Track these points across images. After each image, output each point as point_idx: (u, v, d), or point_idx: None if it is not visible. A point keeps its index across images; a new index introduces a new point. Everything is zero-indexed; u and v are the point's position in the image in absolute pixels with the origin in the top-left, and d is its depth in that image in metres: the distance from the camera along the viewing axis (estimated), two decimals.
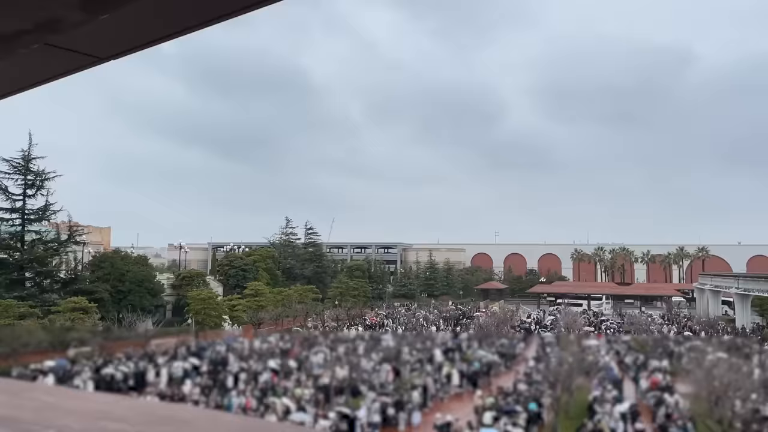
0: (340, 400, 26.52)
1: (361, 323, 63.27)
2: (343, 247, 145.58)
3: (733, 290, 69.47)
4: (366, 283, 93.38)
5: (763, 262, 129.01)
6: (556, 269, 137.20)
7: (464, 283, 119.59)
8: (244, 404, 25.14)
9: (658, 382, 29.09)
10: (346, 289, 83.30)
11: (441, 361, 33.98)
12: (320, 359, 34.08)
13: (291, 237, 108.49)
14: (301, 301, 70.57)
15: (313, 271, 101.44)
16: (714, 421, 20.73)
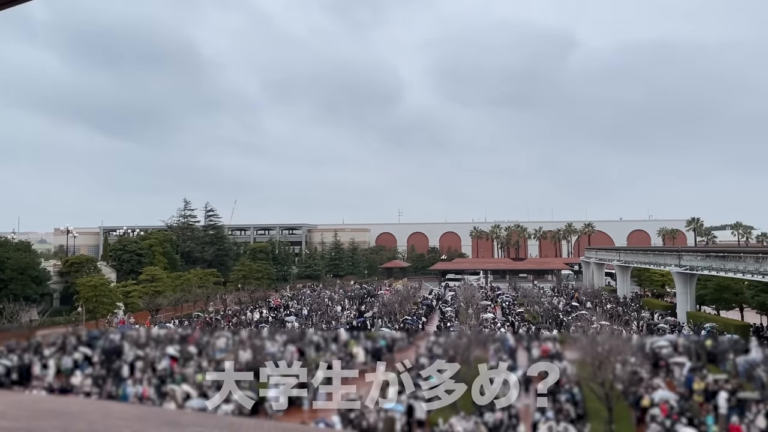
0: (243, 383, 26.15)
1: (265, 306, 62.46)
2: (245, 229, 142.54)
3: (615, 263, 74.99)
4: (270, 265, 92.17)
5: (641, 236, 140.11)
6: (457, 247, 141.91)
7: (369, 263, 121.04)
8: (140, 393, 24.21)
9: (549, 350, 31.03)
10: (249, 272, 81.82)
11: (346, 340, 34.35)
12: (222, 343, 33.41)
13: (190, 219, 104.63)
14: (202, 285, 68.58)
15: (214, 254, 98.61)
16: (597, 383, 22.36)
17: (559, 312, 53.90)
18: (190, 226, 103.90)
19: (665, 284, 70.21)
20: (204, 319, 53.26)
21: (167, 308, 60.64)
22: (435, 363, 25.42)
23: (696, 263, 50.28)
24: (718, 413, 21.82)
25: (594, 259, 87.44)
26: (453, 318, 50.99)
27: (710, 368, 29.13)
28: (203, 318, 53.84)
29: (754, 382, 26.54)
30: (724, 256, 45.84)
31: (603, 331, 33.62)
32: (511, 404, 21.26)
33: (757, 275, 39.69)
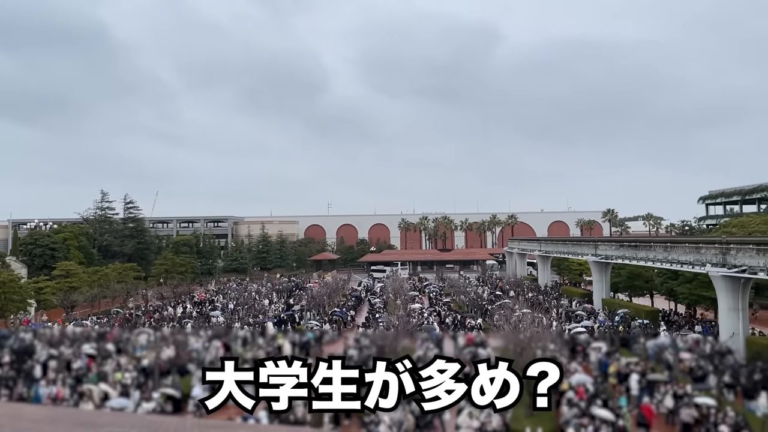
0: (165, 381, 25.40)
1: (189, 301, 60.72)
2: (168, 221, 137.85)
3: (536, 253, 77.79)
4: (194, 259, 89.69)
5: (561, 226, 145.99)
6: (386, 238, 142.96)
7: (298, 255, 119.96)
8: (54, 394, 23.01)
9: (473, 338, 31.91)
10: (172, 266, 79.27)
11: (273, 334, 33.99)
12: (143, 340, 32.27)
13: (108, 212, 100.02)
14: (121, 280, 65.85)
15: (134, 247, 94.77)
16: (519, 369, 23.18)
17: (483, 301, 55.39)
18: (108, 219, 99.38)
19: (583, 273, 73.51)
20: (123, 315, 51.25)
21: (83, 305, 57.93)
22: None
23: (610, 252, 52.87)
24: (630, 394, 23.13)
25: (517, 249, 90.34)
26: (381, 309, 51.39)
27: (623, 352, 30.82)
28: (122, 314, 51.79)
29: (662, 364, 28.32)
30: (636, 246, 48.43)
31: (524, 319, 34.83)
32: None
33: (665, 263, 42.19)
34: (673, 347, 28.03)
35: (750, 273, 31.43)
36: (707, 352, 28.61)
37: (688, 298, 46.51)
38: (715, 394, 23.20)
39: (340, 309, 51.86)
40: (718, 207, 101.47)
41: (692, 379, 25.51)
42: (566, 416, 18.32)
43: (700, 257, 36.70)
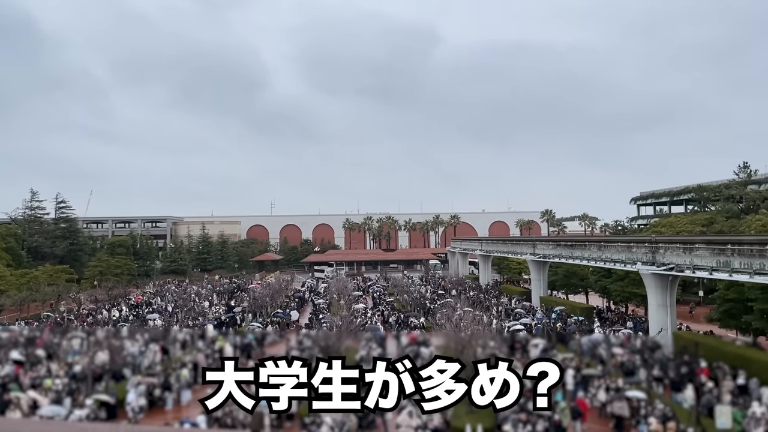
0: (99, 387, 24.51)
1: (125, 303, 58.73)
2: (103, 222, 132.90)
3: (478, 252, 79.28)
4: (130, 260, 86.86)
5: (501, 227, 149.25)
6: (330, 239, 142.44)
7: (240, 256, 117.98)
8: None
9: (416, 337, 32.22)
10: (107, 268, 76.57)
11: (213, 337, 33.31)
12: (76, 345, 31.02)
13: (38, 212, 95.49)
14: (52, 283, 63.00)
15: (66, 249, 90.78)
16: None
17: (426, 300, 56.01)
18: (38, 219, 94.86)
19: (522, 271, 75.44)
20: (54, 319, 49.11)
21: (11, 309, 55.19)
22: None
23: (548, 252, 54.46)
24: (565, 389, 23.89)
25: (459, 249, 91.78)
26: (325, 310, 51.19)
27: (560, 348, 31.81)
28: (53, 318, 49.62)
29: (596, 359, 29.39)
30: (572, 245, 50.07)
31: (466, 317, 35.44)
32: None
33: (599, 262, 43.81)
34: (606, 343, 29.14)
35: (677, 271, 33.02)
36: (637, 347, 29.89)
37: (621, 295, 48.46)
38: (644, 388, 24.26)
39: (282, 310, 51.33)
40: (648, 207, 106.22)
41: (623, 373, 26.60)
42: (505, 412, 18.74)
43: (631, 256, 38.26)
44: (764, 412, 19.00)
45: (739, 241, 30.18)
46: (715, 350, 27.96)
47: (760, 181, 72.25)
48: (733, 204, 67.22)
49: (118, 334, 32.18)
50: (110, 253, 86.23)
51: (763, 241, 27.94)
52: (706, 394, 22.20)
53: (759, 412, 18.87)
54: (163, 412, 22.88)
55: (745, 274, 27.82)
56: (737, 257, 28.46)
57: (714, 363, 25.58)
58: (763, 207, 63.11)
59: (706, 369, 25.08)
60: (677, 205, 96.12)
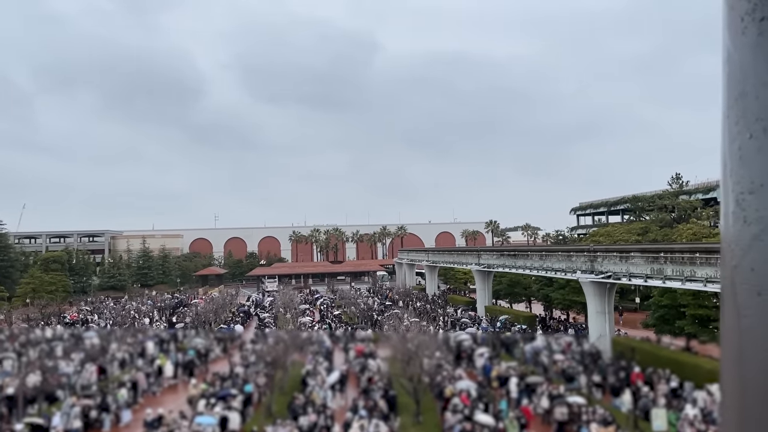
0: (31, 409, 23.32)
1: (59, 322, 56.21)
2: (36, 237, 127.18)
3: (424, 263, 79.92)
4: (66, 277, 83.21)
5: (447, 237, 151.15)
6: (276, 251, 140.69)
7: (182, 270, 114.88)
8: None
9: (363, 349, 32.12)
10: (40, 285, 73.09)
11: (154, 354, 32.27)
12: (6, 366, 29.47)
13: None
14: None
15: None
16: (407, 378, 23.61)
17: (373, 312, 55.95)
18: None
19: (467, 281, 76.49)
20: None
21: None
22: (249, 371, 24.93)
23: (492, 261, 55.43)
24: (510, 397, 24.29)
25: (406, 260, 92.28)
26: (271, 324, 50.40)
27: (504, 356, 32.37)
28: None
29: (538, 366, 30.04)
30: (515, 255, 51.15)
31: (412, 327, 35.61)
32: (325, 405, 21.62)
33: (541, 271, 44.91)
34: (548, 350, 29.82)
35: (614, 278, 34.21)
36: (578, 354, 30.73)
37: (562, 303, 49.78)
38: (584, 393, 24.94)
39: (226, 325, 50.24)
40: (587, 217, 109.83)
41: (565, 379, 27.27)
42: (450, 422, 18.91)
43: (571, 265, 39.39)
44: (697, 414, 19.83)
45: (671, 249, 31.55)
46: (651, 355, 29.06)
47: (690, 191, 75.82)
48: (666, 213, 70.27)
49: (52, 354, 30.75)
50: (44, 269, 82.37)
51: (694, 249, 29.32)
52: (642, 398, 23.00)
53: (692, 414, 19.69)
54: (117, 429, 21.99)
55: (677, 281, 29.08)
56: (670, 265, 29.74)
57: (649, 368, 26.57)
58: (693, 216, 66.30)
59: (640, 374, 25.99)
60: (614, 215, 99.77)
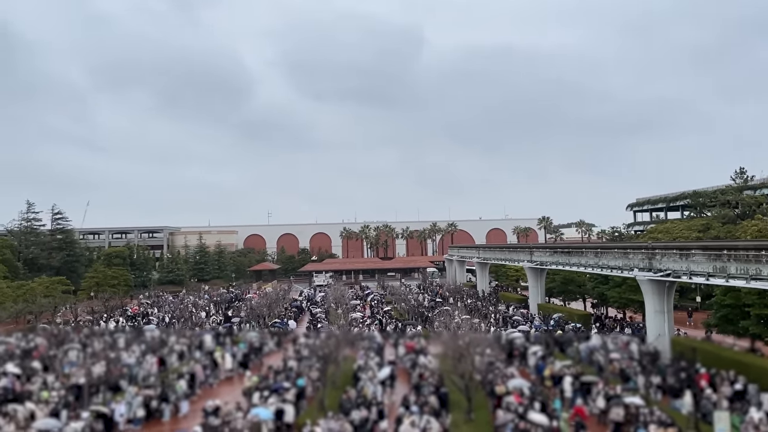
0: (96, 398, 24.38)
1: (121, 314, 58.51)
2: (99, 233, 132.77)
3: (475, 260, 79.25)
4: (127, 271, 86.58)
5: (498, 234, 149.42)
6: (327, 247, 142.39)
7: (237, 266, 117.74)
8: None
9: (413, 346, 32.14)
10: (104, 279, 76.28)
11: (211, 347, 33.19)
12: (73, 357, 30.89)
13: (34, 223, 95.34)
14: (49, 294, 62.77)
15: (62, 260, 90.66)
16: (458, 375, 23.48)
17: (423, 308, 55.90)
18: (34, 231, 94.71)
19: (519, 278, 75.42)
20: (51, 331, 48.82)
21: (7, 321, 54.91)
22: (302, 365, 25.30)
23: (545, 258, 54.44)
24: (564, 397, 23.84)
25: (456, 256, 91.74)
26: (323, 319, 51.04)
27: (558, 355, 31.77)
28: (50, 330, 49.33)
29: (594, 366, 29.37)
30: (569, 252, 50.06)
31: (463, 325, 35.38)
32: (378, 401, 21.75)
33: (596, 268, 43.80)
34: (604, 349, 29.11)
35: (674, 276, 33.04)
36: (635, 354, 29.87)
37: (618, 301, 48.47)
38: (642, 394, 24.23)
39: (280, 320, 51.17)
40: (645, 214, 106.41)
41: (621, 379, 26.57)
42: (502, 420, 18.71)
43: (628, 262, 38.28)
44: (762, 417, 18.99)
45: (735, 246, 30.23)
46: (713, 356, 27.96)
47: (755, 186, 72.51)
48: (729, 210, 67.43)
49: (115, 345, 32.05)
50: (107, 264, 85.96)
51: (759, 247, 28.00)
52: (704, 400, 22.18)
53: (757, 418, 18.86)
54: (161, 423, 22.76)
55: (742, 279, 27.85)
56: (733, 263, 28.50)
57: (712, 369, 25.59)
58: (758, 212, 63.35)
59: (704, 375, 25.06)
60: (673, 211, 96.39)
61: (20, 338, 34.94)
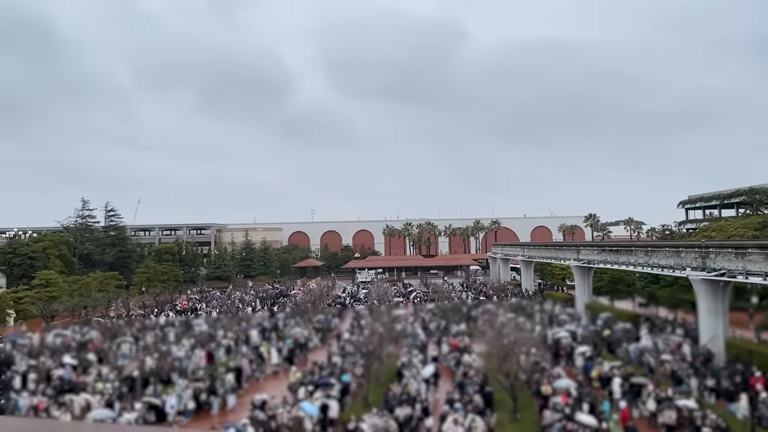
0: (148, 390, 25.13)
1: (171, 309, 60.15)
2: (150, 229, 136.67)
3: (519, 258, 78.16)
4: (176, 267, 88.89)
5: (543, 232, 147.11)
6: (370, 245, 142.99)
7: (281, 262, 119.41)
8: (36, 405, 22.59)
9: (457, 344, 31.96)
10: (154, 274, 78.51)
11: (257, 342, 33.77)
12: (126, 350, 31.91)
13: (89, 220, 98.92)
14: (102, 289, 65.03)
15: (115, 256, 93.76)
16: (503, 374, 23.25)
17: (467, 307, 55.46)
18: (88, 227, 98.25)
19: (565, 277, 74.03)
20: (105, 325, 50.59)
21: (64, 314, 57.11)
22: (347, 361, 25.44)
23: (592, 257, 53.25)
24: (613, 398, 23.29)
25: (500, 254, 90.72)
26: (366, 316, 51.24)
27: (606, 356, 31.08)
28: (104, 324, 51.12)
29: (644, 367, 28.60)
30: (618, 250, 48.83)
31: (508, 323, 34.97)
32: (422, 398, 21.72)
33: (646, 267, 42.59)
34: (655, 350, 28.32)
35: (729, 276, 31.86)
36: (688, 355, 28.96)
37: (669, 301, 47.05)
38: (696, 397, 23.47)
39: (324, 316, 51.65)
40: (697, 211, 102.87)
41: (673, 381, 25.79)
42: (549, 420, 18.42)
43: (680, 261, 37.12)
44: None
45: None
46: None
47: None
48: None
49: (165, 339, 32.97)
50: (157, 260, 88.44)
51: None
52: (760, 403, 21.33)
53: None
54: (210, 416, 23.28)
55: None
56: None
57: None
58: None
59: (760, 378, 24.09)
60: (728, 208, 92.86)
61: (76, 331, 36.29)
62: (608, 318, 45.10)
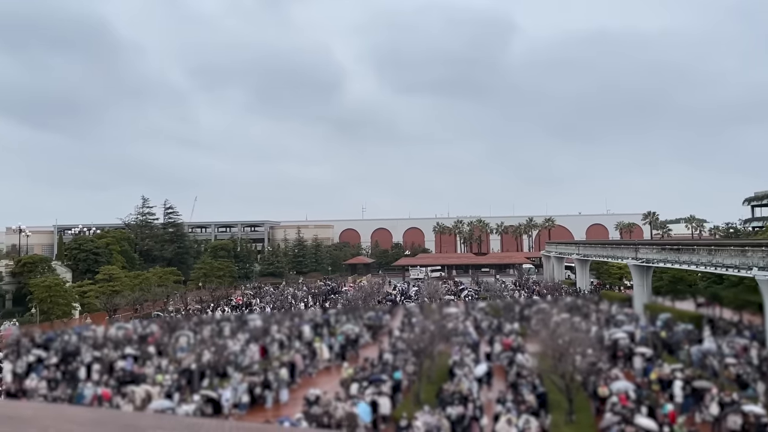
0: (205, 383, 25.80)
1: (227, 304, 61.63)
2: (206, 226, 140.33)
3: (574, 256, 76.44)
4: (232, 263, 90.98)
5: (599, 229, 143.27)
6: (420, 242, 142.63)
7: (333, 259, 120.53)
8: (100, 395, 23.54)
9: (510, 343, 31.48)
10: (211, 270, 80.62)
11: (310, 338, 34.19)
12: (183, 343, 32.88)
13: (149, 217, 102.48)
14: (162, 284, 67.24)
15: (174, 252, 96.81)
16: (558, 375, 22.76)
17: (520, 305, 54.62)
18: (148, 224, 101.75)
19: (623, 277, 71.90)
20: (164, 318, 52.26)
21: (125, 308, 59.32)
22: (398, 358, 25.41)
23: (652, 256, 51.57)
24: (675, 401, 22.47)
25: (554, 253, 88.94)
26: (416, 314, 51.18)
27: (666, 358, 30.01)
28: (163, 318, 52.82)
29: (707, 370, 27.46)
30: (679, 249, 47.12)
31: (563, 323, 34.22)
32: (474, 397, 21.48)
33: (709, 267, 40.94)
34: (719, 353, 27.17)
35: None
36: (755, 359, 27.66)
37: (734, 302, 45.04)
38: (763, 402, 22.37)
39: (375, 313, 51.87)
40: (764, 208, 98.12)
41: (738, 386, 24.68)
42: (608, 423, 17.90)
43: (746, 260, 35.51)
44: None
45: None
46: None
47: None
48: None
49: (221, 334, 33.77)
50: (213, 256, 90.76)
51: None
52: None
53: None
54: (264, 410, 23.70)
55: None
56: None
57: None
58: None
59: None
60: None
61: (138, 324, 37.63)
62: (668, 319, 43.59)
